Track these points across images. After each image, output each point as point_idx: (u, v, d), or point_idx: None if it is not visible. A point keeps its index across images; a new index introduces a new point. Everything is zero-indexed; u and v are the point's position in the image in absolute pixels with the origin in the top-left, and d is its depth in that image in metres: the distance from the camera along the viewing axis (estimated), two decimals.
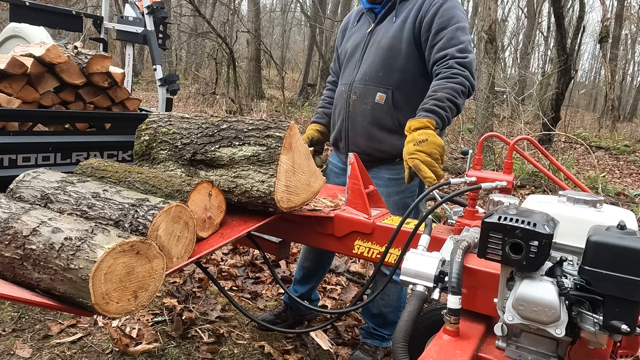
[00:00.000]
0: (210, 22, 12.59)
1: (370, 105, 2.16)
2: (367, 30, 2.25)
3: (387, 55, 2.13)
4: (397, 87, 2.13)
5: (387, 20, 2.19)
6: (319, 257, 2.61)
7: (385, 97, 2.13)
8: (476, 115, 8.64)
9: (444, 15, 2.04)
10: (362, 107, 2.18)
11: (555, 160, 1.82)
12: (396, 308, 2.39)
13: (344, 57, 2.36)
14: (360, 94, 2.18)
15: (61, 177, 1.59)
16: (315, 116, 2.52)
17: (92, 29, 4.62)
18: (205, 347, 2.43)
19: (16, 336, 2.38)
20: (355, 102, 2.20)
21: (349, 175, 1.92)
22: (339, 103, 2.30)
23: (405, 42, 2.10)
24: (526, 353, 1.26)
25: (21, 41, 4.07)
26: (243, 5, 17.85)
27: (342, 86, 2.30)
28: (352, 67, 2.25)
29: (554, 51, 15.16)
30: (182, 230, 1.45)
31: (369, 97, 2.16)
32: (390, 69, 2.13)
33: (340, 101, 2.28)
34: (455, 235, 1.59)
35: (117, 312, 1.23)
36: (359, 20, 2.36)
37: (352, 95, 2.20)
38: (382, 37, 2.16)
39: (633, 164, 10.56)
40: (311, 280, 2.66)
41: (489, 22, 7.97)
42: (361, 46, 2.24)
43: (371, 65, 2.17)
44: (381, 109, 2.15)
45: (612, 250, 1.06)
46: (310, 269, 2.63)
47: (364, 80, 2.18)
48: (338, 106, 2.30)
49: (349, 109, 2.22)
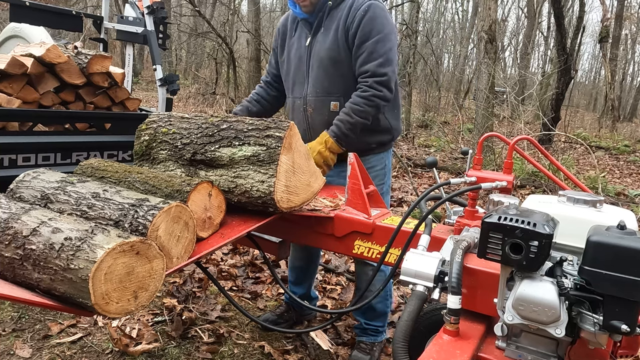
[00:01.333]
0: (210, 22, 12.59)
1: (327, 114, 2.25)
2: (305, 43, 2.29)
3: (329, 67, 2.21)
4: (346, 94, 2.21)
5: (322, 31, 2.24)
6: (308, 255, 2.66)
7: (338, 104, 2.23)
8: (476, 115, 8.64)
9: (365, 27, 2.12)
10: (320, 118, 2.27)
11: (555, 160, 1.82)
12: (383, 297, 2.43)
13: (289, 69, 2.38)
14: (315, 106, 2.28)
15: (61, 177, 1.59)
16: (238, 108, 2.52)
17: (92, 29, 4.62)
18: (205, 347, 2.43)
19: (16, 336, 2.38)
20: (312, 114, 2.29)
21: (349, 175, 1.92)
22: (296, 116, 2.36)
23: (342, 51, 2.18)
24: (526, 353, 1.26)
25: (21, 41, 4.06)
26: (243, 5, 17.84)
27: (295, 100, 2.35)
28: (301, 81, 2.31)
29: (554, 51, 15.16)
30: (182, 231, 1.45)
31: (324, 107, 2.26)
32: (335, 78, 2.22)
33: (298, 114, 2.35)
34: (455, 235, 1.59)
35: (117, 312, 1.23)
36: (296, 30, 2.36)
37: (308, 108, 2.30)
38: (320, 49, 2.23)
39: (633, 164, 10.56)
40: (306, 279, 2.70)
41: (489, 22, 7.97)
42: (304, 59, 2.29)
43: (318, 78, 2.25)
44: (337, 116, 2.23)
45: (612, 250, 1.06)
46: (303, 268, 2.67)
47: (315, 93, 2.26)
48: (296, 119, 2.35)
49: (309, 120, 2.32)
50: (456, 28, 27.06)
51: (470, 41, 22.30)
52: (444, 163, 8.30)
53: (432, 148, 10.06)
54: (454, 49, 24.40)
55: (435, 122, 13.12)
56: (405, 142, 10.11)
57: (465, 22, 24.89)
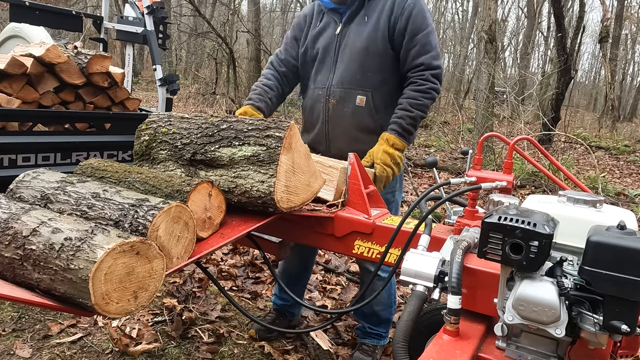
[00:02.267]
0: (210, 22, 12.60)
1: (351, 108, 2.17)
2: (335, 32, 2.20)
3: (363, 57, 2.14)
4: (375, 89, 2.16)
5: (357, 20, 2.16)
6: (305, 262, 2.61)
7: (365, 99, 2.15)
8: (476, 115, 8.64)
9: (416, 20, 2.08)
10: (342, 111, 2.19)
11: (555, 160, 1.82)
12: (387, 305, 2.40)
13: (312, 58, 2.30)
14: (340, 97, 2.18)
15: (61, 177, 1.59)
16: (254, 98, 2.34)
17: (92, 29, 4.62)
18: (205, 347, 2.43)
19: (16, 336, 2.38)
20: (335, 106, 2.20)
21: (348, 175, 1.92)
22: (315, 107, 2.27)
23: (381, 43, 2.12)
24: (526, 353, 1.26)
25: (21, 41, 4.06)
26: (243, 5, 17.84)
27: (317, 90, 2.26)
28: (326, 71, 2.23)
29: (554, 51, 15.16)
30: (182, 231, 1.45)
31: (350, 100, 2.17)
32: (368, 70, 2.14)
33: (318, 105, 2.25)
34: (455, 235, 1.58)
35: (117, 312, 1.23)
36: (322, 20, 2.28)
37: (330, 99, 2.20)
38: (356, 39, 2.14)
39: (633, 164, 10.56)
40: (298, 286, 2.63)
41: (489, 22, 7.97)
42: (332, 49, 2.20)
43: (348, 68, 2.16)
44: (362, 111, 2.17)
45: (612, 250, 1.06)
46: (299, 273, 2.62)
47: (342, 84, 2.18)
48: (315, 110, 2.27)
49: (328, 113, 2.22)
50: (456, 28, 27.08)
51: (470, 41, 22.30)
52: (444, 163, 8.30)
53: (432, 148, 10.06)
54: (454, 49, 24.41)
55: (435, 122, 13.12)
56: None
57: (465, 22, 24.89)
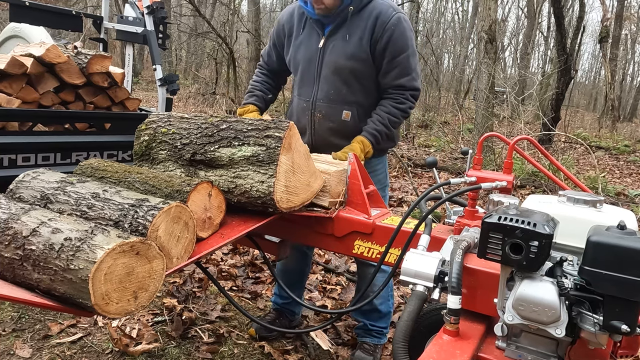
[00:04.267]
0: (210, 22, 12.59)
1: (337, 122, 2.23)
2: (317, 44, 2.21)
3: (347, 76, 2.18)
4: (360, 103, 2.21)
5: (339, 36, 2.16)
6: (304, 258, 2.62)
7: (350, 114, 2.21)
8: (476, 115, 8.64)
9: (397, 42, 2.11)
10: (328, 125, 2.24)
11: (555, 160, 1.82)
12: (385, 298, 2.43)
13: (296, 68, 2.33)
14: (325, 112, 2.23)
15: (61, 177, 1.59)
16: (254, 98, 2.43)
17: (92, 29, 4.62)
18: (205, 347, 2.43)
19: (16, 336, 2.38)
20: (321, 120, 2.25)
21: (348, 175, 1.92)
22: (301, 118, 2.30)
23: (366, 63, 2.15)
24: (526, 353, 1.26)
25: (21, 41, 4.06)
26: (243, 5, 17.83)
27: (302, 101, 2.29)
28: (310, 84, 2.25)
29: (554, 51, 15.16)
30: (182, 231, 1.45)
31: (335, 115, 2.22)
32: (353, 87, 2.20)
33: (303, 117, 2.29)
34: (455, 235, 1.58)
35: (117, 312, 1.23)
36: (304, 28, 2.28)
37: (316, 113, 2.25)
38: (338, 57, 2.17)
39: (633, 164, 10.56)
40: (298, 285, 2.64)
41: (489, 22, 7.97)
42: (315, 62, 2.22)
43: (333, 84, 2.20)
44: (347, 124, 2.22)
45: (612, 250, 1.06)
46: (299, 271, 2.63)
47: (328, 100, 2.22)
48: (301, 122, 2.29)
49: (315, 126, 2.27)
50: (456, 28, 27.07)
51: (470, 41, 22.31)
52: (444, 163, 8.30)
53: (432, 148, 10.06)
54: (454, 49, 24.40)
55: (435, 122, 13.12)
56: (405, 142, 10.11)
57: (465, 22, 24.89)
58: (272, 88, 2.54)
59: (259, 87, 2.49)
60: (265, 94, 2.48)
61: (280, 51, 2.43)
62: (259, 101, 2.44)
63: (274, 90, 2.56)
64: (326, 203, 1.87)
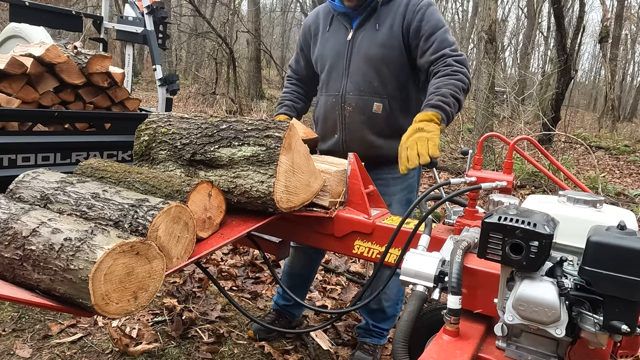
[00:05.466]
0: (210, 22, 12.60)
1: (368, 115, 2.16)
2: (346, 37, 2.18)
3: (379, 65, 2.12)
4: (392, 95, 2.15)
5: (369, 26, 2.14)
6: (313, 264, 2.60)
7: (382, 106, 2.14)
8: (476, 115, 8.64)
9: (430, 20, 2.07)
10: (359, 118, 2.17)
11: (555, 160, 1.82)
12: (395, 302, 2.41)
13: (323, 65, 2.28)
14: (356, 105, 2.16)
15: (61, 177, 1.59)
16: (284, 109, 2.42)
17: (92, 29, 4.62)
18: (205, 347, 2.43)
19: (16, 336, 2.38)
20: (351, 113, 2.18)
21: (348, 175, 1.92)
22: (330, 115, 2.24)
23: (397, 51, 2.10)
24: (526, 353, 1.26)
25: (21, 41, 4.07)
26: (243, 5, 17.84)
27: (330, 97, 2.24)
28: (339, 78, 2.20)
29: (554, 51, 15.15)
30: (182, 231, 1.45)
31: (366, 107, 2.15)
32: (385, 78, 2.13)
33: (332, 113, 2.23)
34: (455, 235, 1.58)
35: (116, 312, 1.23)
36: (331, 24, 2.25)
37: (346, 107, 2.18)
38: (370, 46, 2.12)
39: (633, 164, 10.56)
40: (302, 289, 2.63)
41: (489, 22, 7.97)
42: (344, 55, 2.18)
43: (364, 76, 2.14)
44: (379, 117, 2.16)
45: (612, 250, 1.06)
46: (304, 276, 2.62)
47: (358, 91, 2.15)
48: (330, 118, 2.24)
49: (345, 120, 2.20)
50: (456, 28, 27.06)
51: (470, 41, 22.30)
52: (444, 163, 8.30)
53: None
54: None
55: None
56: None
57: (465, 22, 24.89)
58: (302, 97, 2.50)
59: (289, 97, 2.47)
60: (295, 103, 2.45)
61: (307, 55, 2.40)
62: (289, 110, 2.41)
63: (304, 99, 2.50)
64: (326, 203, 1.86)
